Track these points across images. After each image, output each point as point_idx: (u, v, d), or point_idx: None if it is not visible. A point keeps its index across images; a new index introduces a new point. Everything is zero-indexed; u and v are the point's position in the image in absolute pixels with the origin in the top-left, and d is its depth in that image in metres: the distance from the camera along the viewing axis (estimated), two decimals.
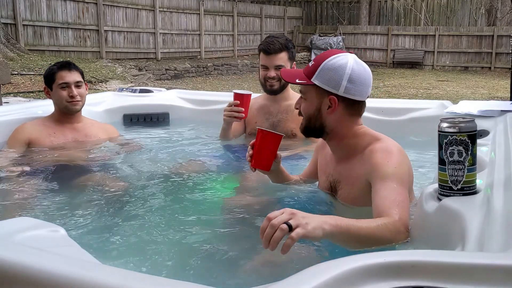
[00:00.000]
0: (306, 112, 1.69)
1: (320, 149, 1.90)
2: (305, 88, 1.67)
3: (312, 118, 1.67)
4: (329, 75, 1.60)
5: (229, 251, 1.50)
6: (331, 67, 1.60)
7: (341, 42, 17.52)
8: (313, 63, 1.65)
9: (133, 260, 1.44)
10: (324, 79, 1.60)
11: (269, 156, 1.79)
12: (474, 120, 1.27)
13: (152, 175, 2.33)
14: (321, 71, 1.61)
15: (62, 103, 2.59)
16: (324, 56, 1.64)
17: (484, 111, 2.53)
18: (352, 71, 1.59)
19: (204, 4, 14.93)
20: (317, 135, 1.72)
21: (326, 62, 1.61)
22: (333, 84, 1.60)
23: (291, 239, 1.19)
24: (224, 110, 2.68)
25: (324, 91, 1.61)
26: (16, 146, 2.53)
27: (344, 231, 1.27)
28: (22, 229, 1.15)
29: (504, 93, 9.90)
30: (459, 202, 1.21)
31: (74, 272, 0.83)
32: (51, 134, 2.60)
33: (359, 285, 0.82)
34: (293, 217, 1.21)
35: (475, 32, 16.50)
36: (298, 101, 1.73)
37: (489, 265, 0.84)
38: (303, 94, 1.70)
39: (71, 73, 2.59)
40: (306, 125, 1.71)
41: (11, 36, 10.06)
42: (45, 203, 1.94)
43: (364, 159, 1.59)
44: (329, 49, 17.61)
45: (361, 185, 1.58)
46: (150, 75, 11.29)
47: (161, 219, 1.77)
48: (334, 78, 1.59)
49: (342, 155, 1.71)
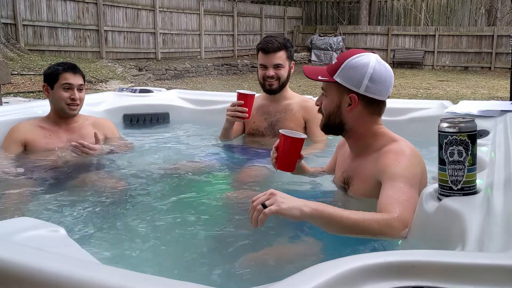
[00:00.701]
0: (326, 109, 1.72)
1: (341, 146, 1.95)
2: (327, 85, 1.71)
3: (332, 115, 1.71)
4: (351, 73, 1.64)
5: (229, 250, 1.50)
6: (353, 66, 1.64)
7: (341, 42, 17.52)
8: (336, 61, 1.68)
9: (133, 260, 1.44)
10: (346, 77, 1.64)
11: (293, 158, 1.85)
12: (474, 120, 1.27)
13: (152, 175, 2.33)
14: (343, 69, 1.64)
15: (61, 104, 2.56)
16: (347, 55, 1.67)
17: (484, 111, 2.53)
18: (373, 70, 1.62)
19: (204, 4, 14.93)
20: (336, 132, 1.76)
21: (349, 61, 1.65)
22: (354, 82, 1.63)
23: (263, 214, 1.32)
24: (227, 110, 2.67)
25: (345, 88, 1.65)
26: (12, 147, 2.52)
27: (325, 216, 1.35)
28: (22, 229, 1.15)
29: (504, 93, 9.90)
30: (459, 202, 1.21)
31: (74, 272, 0.83)
32: (46, 135, 2.59)
33: (359, 285, 0.81)
34: (271, 197, 1.34)
35: (475, 32, 16.50)
36: (319, 98, 1.77)
37: (489, 265, 0.84)
38: (324, 91, 1.73)
39: (75, 76, 2.58)
40: (326, 122, 1.74)
41: (11, 36, 10.06)
42: (45, 203, 1.94)
43: (377, 159, 1.62)
44: (330, 49, 17.54)
45: (372, 183, 1.61)
46: (150, 75, 11.29)
47: (161, 219, 1.77)
48: (355, 76, 1.63)
49: (358, 153, 1.74)
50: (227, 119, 2.69)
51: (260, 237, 1.61)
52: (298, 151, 1.84)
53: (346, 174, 1.78)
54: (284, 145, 1.82)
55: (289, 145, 1.82)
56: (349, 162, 1.79)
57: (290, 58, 2.78)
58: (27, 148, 2.54)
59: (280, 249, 1.55)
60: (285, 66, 2.74)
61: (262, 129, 2.83)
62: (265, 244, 1.57)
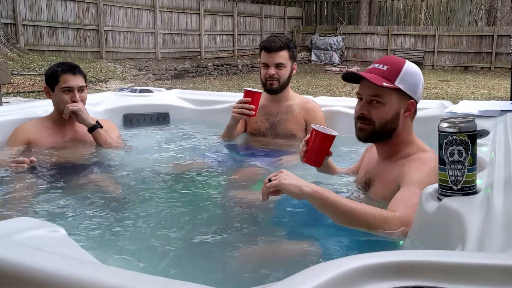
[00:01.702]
0: (382, 116, 1.66)
1: (369, 149, 1.96)
2: (385, 92, 1.64)
3: (389, 122, 1.66)
4: (410, 80, 1.65)
5: (229, 250, 1.50)
6: (412, 72, 1.66)
7: (341, 42, 17.52)
8: (387, 67, 1.65)
9: (133, 260, 1.44)
10: (407, 83, 1.65)
11: (322, 154, 1.87)
12: (474, 120, 1.27)
13: (152, 174, 2.33)
14: (404, 75, 1.64)
15: (63, 106, 2.55)
16: (399, 61, 1.68)
17: (484, 111, 2.53)
18: (422, 77, 1.68)
19: (204, 4, 14.93)
20: (380, 139, 1.72)
21: (406, 67, 1.66)
22: (413, 89, 1.66)
23: (265, 186, 1.51)
24: (233, 107, 2.66)
25: (406, 95, 1.65)
26: (16, 146, 2.52)
27: (323, 198, 1.43)
28: (22, 229, 1.15)
29: (504, 93, 9.90)
30: (459, 202, 1.21)
31: (74, 272, 0.83)
32: (49, 134, 2.59)
33: (359, 285, 0.81)
34: (278, 174, 1.51)
35: (475, 32, 16.50)
36: (365, 107, 1.68)
37: (489, 265, 0.84)
38: (378, 98, 1.65)
39: (75, 77, 2.55)
40: (379, 130, 1.67)
41: (11, 36, 10.06)
42: (45, 203, 1.94)
43: (403, 165, 1.63)
44: (330, 49, 17.52)
45: (392, 188, 1.61)
46: (150, 75, 11.29)
47: (161, 219, 1.77)
48: (414, 83, 1.66)
49: (386, 157, 1.75)
50: (233, 116, 2.67)
51: (259, 236, 1.61)
52: (328, 147, 1.85)
53: (369, 175, 1.79)
54: (315, 140, 1.84)
55: (320, 140, 1.83)
56: (375, 165, 1.80)
57: (293, 59, 2.77)
58: (30, 147, 2.55)
59: (278, 248, 1.55)
60: (286, 66, 2.73)
61: (264, 129, 2.83)
62: (265, 243, 1.57)
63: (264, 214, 1.80)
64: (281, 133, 2.81)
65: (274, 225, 1.73)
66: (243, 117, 2.65)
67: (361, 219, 1.42)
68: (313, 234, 1.60)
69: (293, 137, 2.79)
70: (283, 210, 1.80)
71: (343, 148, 2.57)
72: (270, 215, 1.80)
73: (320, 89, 10.65)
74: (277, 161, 2.52)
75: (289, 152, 2.66)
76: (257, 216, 1.77)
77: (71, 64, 2.64)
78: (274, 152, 2.69)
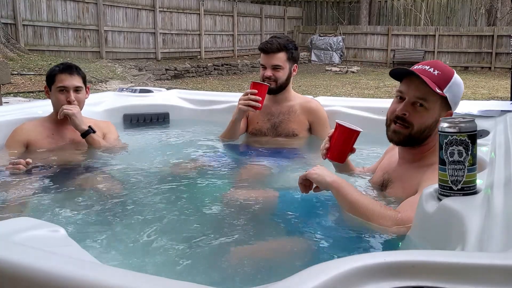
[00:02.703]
0: (423, 122, 1.62)
1: (389, 151, 1.95)
2: (432, 97, 1.60)
3: (427, 128, 1.63)
4: (457, 91, 1.64)
5: (229, 250, 1.50)
6: (459, 83, 1.65)
7: (341, 42, 17.53)
8: (439, 73, 1.61)
9: (133, 260, 1.44)
10: (453, 94, 1.63)
11: (346, 150, 1.86)
12: (474, 120, 1.27)
13: (152, 175, 2.33)
14: (452, 85, 1.62)
15: (58, 107, 2.53)
16: (449, 69, 1.66)
17: (484, 111, 2.53)
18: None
19: (204, 4, 14.93)
20: (415, 144, 1.68)
21: (455, 78, 1.64)
22: (456, 100, 1.65)
23: (299, 178, 1.70)
24: (239, 99, 2.60)
25: (447, 105, 1.63)
26: (15, 147, 2.51)
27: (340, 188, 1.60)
28: (22, 229, 1.15)
29: (504, 93, 9.91)
30: (459, 202, 1.21)
31: (74, 272, 0.83)
32: (49, 135, 2.58)
33: (359, 285, 0.81)
34: (312, 169, 1.68)
35: (475, 32, 16.51)
36: (406, 107, 1.63)
37: (489, 265, 0.84)
38: (424, 102, 1.61)
39: (71, 77, 2.52)
40: (416, 134, 1.64)
41: (11, 36, 10.06)
42: (45, 203, 1.94)
43: (425, 172, 1.60)
44: (330, 49, 17.50)
45: (410, 192, 1.60)
46: (150, 75, 11.29)
47: (161, 219, 1.77)
48: (458, 95, 1.65)
49: (410, 161, 1.73)
50: (239, 108, 2.60)
51: (259, 236, 1.61)
52: (353, 143, 1.84)
53: (388, 176, 1.78)
54: (339, 135, 1.82)
55: (345, 136, 1.82)
56: (395, 166, 1.78)
57: (292, 60, 2.73)
58: (29, 148, 2.54)
59: (277, 248, 1.55)
60: (284, 67, 2.70)
61: (265, 129, 2.83)
62: (264, 243, 1.57)
63: (263, 214, 1.80)
64: (283, 133, 2.81)
65: (274, 225, 1.73)
66: (249, 109, 2.58)
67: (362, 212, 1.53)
68: (313, 234, 1.60)
69: (295, 136, 2.79)
70: (283, 211, 1.80)
71: None
72: (269, 215, 1.80)
73: (320, 89, 10.65)
74: None
75: (290, 150, 2.66)
76: (257, 216, 1.77)
77: (69, 64, 2.61)
78: (274, 151, 2.69)
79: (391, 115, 1.68)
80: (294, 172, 2.27)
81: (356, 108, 3.09)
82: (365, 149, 2.54)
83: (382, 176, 1.82)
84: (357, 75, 14.54)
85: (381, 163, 1.96)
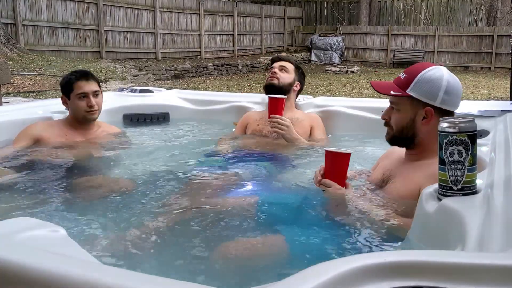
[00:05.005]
0: (398, 123, 1.73)
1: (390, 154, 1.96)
2: (399, 99, 1.72)
3: (405, 129, 1.72)
4: (426, 87, 1.67)
5: (229, 250, 1.50)
6: (428, 79, 1.67)
7: (341, 42, 17.52)
8: (405, 75, 1.71)
9: (133, 260, 1.44)
10: (421, 90, 1.67)
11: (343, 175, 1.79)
12: (474, 120, 1.27)
13: (152, 175, 2.32)
14: (417, 83, 1.68)
15: (81, 113, 2.62)
16: (418, 69, 1.71)
17: (484, 111, 2.53)
18: (448, 83, 1.67)
19: (204, 4, 14.93)
20: (405, 144, 1.77)
21: (422, 74, 1.68)
22: (430, 95, 1.67)
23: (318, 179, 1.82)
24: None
25: (420, 102, 1.68)
26: (24, 140, 2.55)
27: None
28: (22, 229, 1.15)
29: (504, 93, 9.90)
30: (459, 202, 1.21)
31: (74, 272, 0.83)
32: (61, 135, 2.65)
33: (359, 285, 0.81)
34: None
35: (475, 32, 16.51)
36: (387, 112, 1.78)
37: (489, 265, 0.84)
38: (395, 105, 1.74)
39: (88, 83, 2.62)
40: (397, 135, 1.75)
41: (11, 36, 10.05)
42: (45, 203, 1.94)
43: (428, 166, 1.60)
44: (330, 49, 17.49)
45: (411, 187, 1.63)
46: (150, 75, 11.29)
47: (160, 219, 1.77)
48: (431, 90, 1.67)
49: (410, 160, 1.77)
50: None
51: (258, 236, 1.61)
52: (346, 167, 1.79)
53: (389, 173, 1.80)
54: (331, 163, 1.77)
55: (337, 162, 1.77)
56: (398, 165, 1.81)
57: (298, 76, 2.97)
58: (38, 145, 2.56)
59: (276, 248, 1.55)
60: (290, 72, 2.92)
61: (266, 131, 2.86)
62: (264, 243, 1.57)
63: (263, 215, 1.79)
64: None
65: (273, 225, 1.73)
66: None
67: None
68: (313, 234, 1.60)
69: None
70: (283, 211, 1.81)
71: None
72: (268, 215, 1.80)
73: (320, 89, 10.65)
74: None
75: (290, 153, 2.67)
76: (256, 217, 1.77)
77: (83, 70, 2.72)
78: (274, 152, 2.69)
79: None
80: (294, 172, 2.28)
81: (356, 108, 3.09)
82: (365, 149, 2.54)
83: (382, 174, 1.83)
84: (357, 75, 14.54)
85: (382, 162, 1.96)
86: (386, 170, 1.83)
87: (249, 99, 3.37)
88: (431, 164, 1.59)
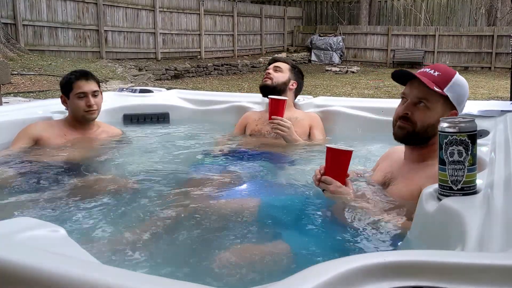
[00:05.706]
0: (425, 120, 1.65)
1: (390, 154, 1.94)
2: (432, 96, 1.64)
3: (430, 127, 1.65)
4: (459, 90, 1.67)
5: (229, 250, 1.50)
6: (461, 84, 1.67)
7: (341, 42, 17.52)
8: (440, 74, 1.66)
9: (133, 260, 1.44)
10: (455, 93, 1.66)
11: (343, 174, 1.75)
12: (474, 120, 1.27)
13: (152, 175, 2.33)
14: (453, 84, 1.66)
15: (80, 113, 2.64)
16: (450, 70, 1.69)
17: (484, 111, 2.53)
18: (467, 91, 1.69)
19: (204, 4, 14.93)
20: (420, 142, 1.70)
21: (456, 77, 1.67)
22: (459, 100, 1.67)
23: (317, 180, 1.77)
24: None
25: (449, 104, 1.66)
26: (23, 140, 2.55)
27: None
28: (22, 229, 1.15)
29: (504, 93, 9.90)
30: (459, 202, 1.21)
31: (74, 272, 0.83)
32: (61, 135, 2.66)
33: (359, 285, 0.81)
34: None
35: (475, 32, 16.51)
36: (409, 107, 1.68)
37: (489, 265, 0.84)
38: (425, 101, 1.65)
39: (88, 82, 2.63)
40: (419, 132, 1.67)
41: (11, 36, 10.05)
42: (45, 203, 1.94)
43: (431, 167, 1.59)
44: (330, 49, 17.53)
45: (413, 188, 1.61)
46: (150, 75, 11.29)
47: (160, 219, 1.77)
48: (461, 94, 1.67)
49: (414, 160, 1.74)
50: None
51: (255, 236, 1.61)
52: (347, 165, 1.75)
53: (390, 176, 1.78)
54: (332, 161, 1.73)
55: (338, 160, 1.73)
56: (399, 166, 1.78)
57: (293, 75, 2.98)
58: (38, 145, 2.57)
59: (276, 248, 1.54)
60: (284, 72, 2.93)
61: (265, 131, 2.87)
62: (263, 243, 1.57)
63: (261, 215, 1.79)
64: None
65: (273, 226, 1.73)
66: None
67: None
68: (312, 234, 1.60)
69: None
70: (282, 211, 1.80)
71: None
72: (267, 215, 1.80)
73: (320, 89, 10.65)
74: None
75: (288, 153, 2.67)
76: (255, 217, 1.77)
77: (83, 70, 2.73)
78: (273, 152, 2.69)
79: (396, 117, 1.73)
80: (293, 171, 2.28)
81: (356, 108, 3.09)
82: (365, 149, 2.54)
83: (385, 175, 1.81)
84: (357, 75, 14.53)
85: (382, 164, 1.95)
86: (387, 173, 1.81)
87: (249, 99, 3.37)
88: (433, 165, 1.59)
